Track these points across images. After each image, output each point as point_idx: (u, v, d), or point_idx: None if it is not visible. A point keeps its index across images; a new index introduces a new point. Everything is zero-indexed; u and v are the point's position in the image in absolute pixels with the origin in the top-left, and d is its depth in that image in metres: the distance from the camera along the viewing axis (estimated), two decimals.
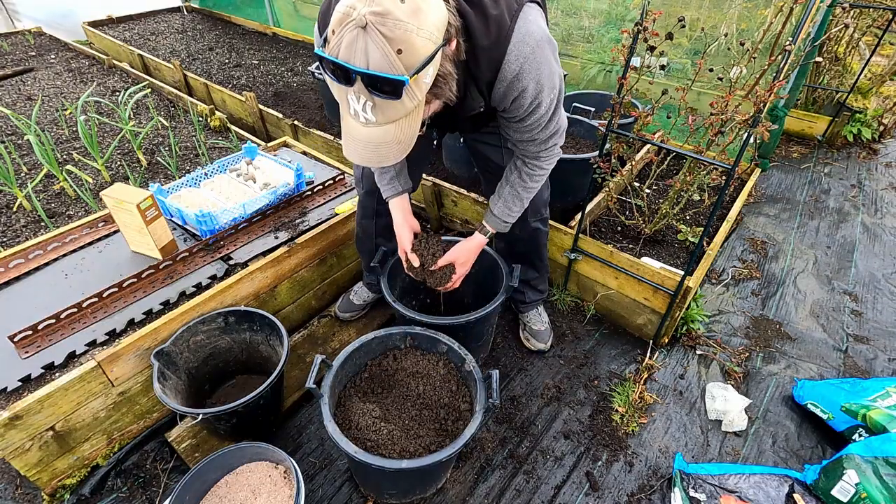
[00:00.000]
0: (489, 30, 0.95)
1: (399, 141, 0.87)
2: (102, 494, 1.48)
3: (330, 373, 1.35)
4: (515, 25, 0.97)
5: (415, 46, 0.77)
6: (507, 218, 1.37)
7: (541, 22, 1.03)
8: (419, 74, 0.80)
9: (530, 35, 0.98)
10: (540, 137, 1.18)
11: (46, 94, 3.38)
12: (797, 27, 1.41)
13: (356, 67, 0.76)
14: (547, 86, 1.05)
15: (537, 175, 1.28)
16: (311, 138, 2.88)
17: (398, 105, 0.81)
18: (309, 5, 4.85)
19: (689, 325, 2.00)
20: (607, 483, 1.53)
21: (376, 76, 0.76)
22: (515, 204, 1.34)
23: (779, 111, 2.41)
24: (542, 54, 1.01)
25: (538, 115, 1.09)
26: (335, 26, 0.78)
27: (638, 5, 3.05)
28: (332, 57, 0.78)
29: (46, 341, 1.45)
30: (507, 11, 0.97)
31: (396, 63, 0.76)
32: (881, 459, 1.34)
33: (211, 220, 1.77)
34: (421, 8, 0.78)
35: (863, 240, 2.59)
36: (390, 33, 0.75)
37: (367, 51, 0.75)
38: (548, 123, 1.14)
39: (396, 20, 0.75)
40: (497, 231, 1.42)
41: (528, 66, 0.99)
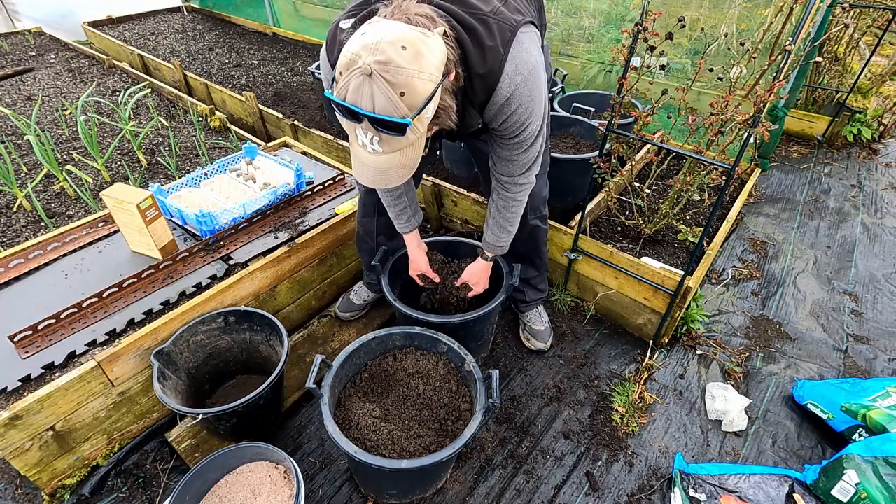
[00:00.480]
0: (485, 59, 1.01)
1: (404, 166, 0.94)
2: (102, 494, 1.48)
3: (330, 373, 1.36)
4: (509, 55, 1.03)
5: (416, 89, 0.84)
6: (500, 243, 1.48)
7: (533, 49, 1.08)
8: (421, 113, 0.87)
9: (523, 64, 1.04)
10: (520, 160, 1.24)
11: (46, 94, 3.38)
12: (797, 27, 1.41)
13: (363, 111, 0.83)
14: (536, 110, 1.12)
15: (514, 205, 1.37)
16: (311, 138, 2.88)
17: (402, 139, 0.88)
18: (309, 5, 4.85)
19: (689, 325, 2.00)
20: (607, 483, 1.53)
21: (381, 119, 0.83)
22: (503, 231, 1.44)
23: (779, 111, 2.41)
24: (534, 83, 1.08)
25: (525, 134, 1.16)
26: (342, 69, 0.85)
27: (638, 5, 3.05)
28: (340, 100, 0.85)
29: (46, 341, 1.45)
30: (501, 41, 1.02)
31: (400, 105, 0.84)
32: (881, 459, 1.34)
33: (211, 220, 1.77)
34: (421, 52, 0.85)
35: (863, 240, 2.59)
36: (393, 79, 0.82)
37: (372, 96, 0.82)
38: (531, 146, 1.20)
39: (399, 67, 0.82)
40: (496, 254, 1.53)
41: (518, 93, 1.06)
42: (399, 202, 1.50)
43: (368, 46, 0.83)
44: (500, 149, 1.23)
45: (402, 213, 1.52)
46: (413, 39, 0.85)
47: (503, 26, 1.02)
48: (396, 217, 1.53)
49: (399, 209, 1.51)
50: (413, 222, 1.54)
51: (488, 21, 1.01)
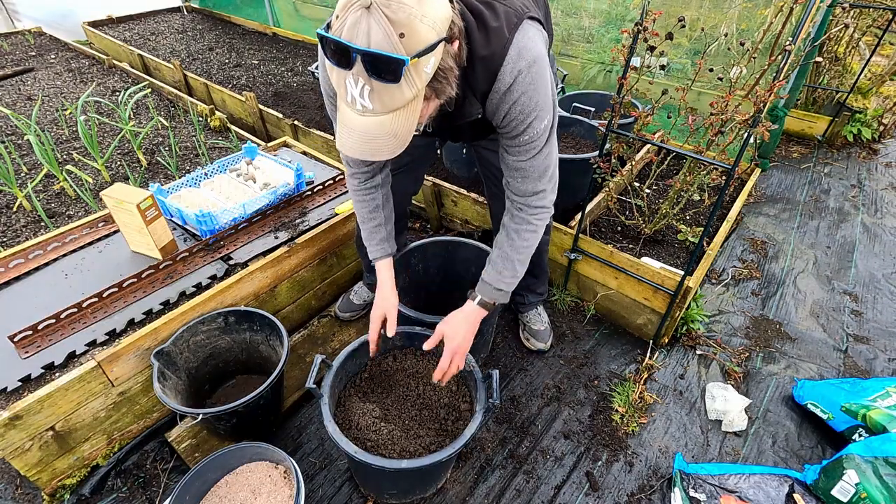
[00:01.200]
0: (488, 40, 0.96)
1: (395, 134, 0.85)
2: (102, 494, 1.48)
3: (330, 373, 1.35)
4: (514, 39, 0.98)
5: (417, 32, 0.78)
6: (500, 285, 1.24)
7: (539, 41, 1.03)
8: (419, 60, 0.79)
9: (527, 50, 0.99)
10: (530, 170, 1.13)
11: (46, 94, 3.38)
12: (797, 27, 1.41)
13: (357, 46, 0.76)
14: (541, 103, 1.04)
15: (526, 232, 1.20)
16: (311, 138, 2.88)
17: (396, 92, 0.80)
18: (309, 5, 4.85)
19: (689, 325, 2.00)
20: (607, 483, 1.53)
21: (376, 55, 0.76)
22: (507, 268, 1.23)
23: (779, 111, 2.41)
24: (538, 72, 1.01)
25: (532, 133, 1.07)
26: (339, 11, 0.79)
27: (638, 5, 3.05)
28: (335, 36, 0.78)
29: (46, 341, 1.45)
30: (507, 25, 0.97)
31: (398, 45, 0.76)
32: (881, 459, 1.34)
33: (211, 220, 1.77)
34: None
35: (863, 240, 2.59)
36: (394, 15, 0.75)
37: (369, 31, 0.76)
38: (542, 149, 1.11)
39: (401, 3, 0.76)
40: (491, 300, 1.27)
41: (521, 80, 1.00)
42: (374, 216, 1.36)
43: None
44: (508, 155, 1.14)
45: (375, 232, 1.36)
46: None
47: (510, 11, 0.98)
48: (368, 237, 1.38)
49: (373, 226, 1.36)
50: (385, 247, 1.37)
51: (494, 5, 0.97)
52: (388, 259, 1.39)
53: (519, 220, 1.20)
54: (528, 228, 1.21)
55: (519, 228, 1.21)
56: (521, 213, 1.20)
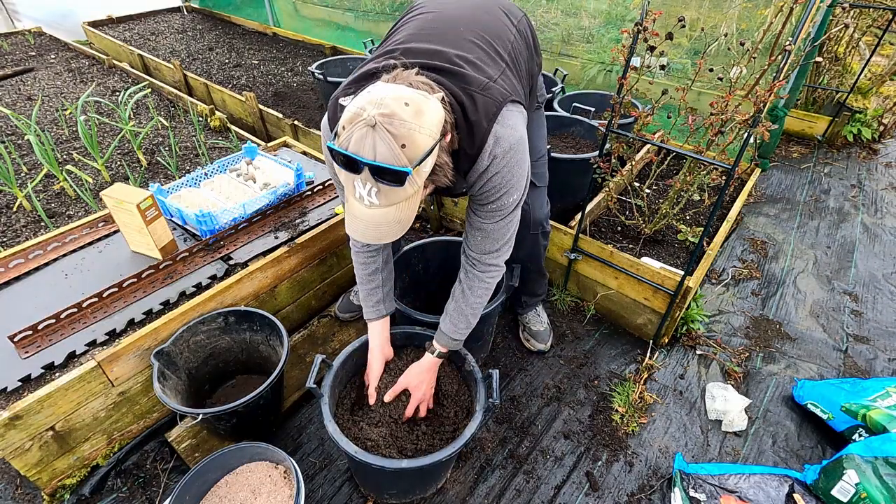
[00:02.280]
0: (471, 134, 1.05)
1: (399, 221, 0.96)
2: (102, 494, 1.48)
3: (330, 373, 1.35)
4: (492, 129, 1.06)
5: (416, 142, 0.88)
6: (455, 335, 1.35)
7: (518, 125, 1.11)
8: (420, 166, 0.90)
9: (504, 139, 1.07)
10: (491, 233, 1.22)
11: (46, 94, 3.38)
12: (797, 27, 1.41)
13: (364, 159, 0.86)
14: (513, 182, 1.14)
15: (478, 289, 1.30)
16: (311, 138, 2.88)
17: (400, 191, 0.90)
18: (309, 5, 4.85)
19: (689, 325, 2.00)
20: (607, 483, 1.53)
21: (382, 167, 0.86)
22: (461, 321, 1.34)
23: (779, 111, 2.41)
24: (513, 156, 1.10)
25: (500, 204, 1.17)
26: (345, 123, 0.88)
27: (638, 5, 3.05)
28: (343, 150, 0.88)
29: (46, 341, 1.45)
30: (485, 117, 1.05)
31: (401, 156, 0.86)
32: (881, 459, 1.34)
33: (211, 220, 1.77)
34: (422, 110, 0.89)
35: (863, 240, 2.59)
36: (396, 131, 0.86)
37: (374, 146, 0.85)
38: (506, 217, 1.20)
39: (402, 120, 0.86)
40: (448, 349, 1.39)
41: (496, 163, 1.09)
42: (373, 279, 1.41)
43: (374, 101, 0.87)
44: (474, 216, 1.23)
45: (372, 295, 1.42)
46: (415, 97, 0.90)
47: (489, 102, 1.06)
48: (365, 298, 1.42)
49: (370, 288, 1.41)
50: (381, 309, 1.42)
51: (475, 97, 1.05)
52: (382, 320, 1.45)
53: (472, 276, 1.30)
54: (481, 286, 1.30)
55: (472, 285, 1.31)
56: (474, 270, 1.30)
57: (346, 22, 4.59)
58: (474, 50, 1.14)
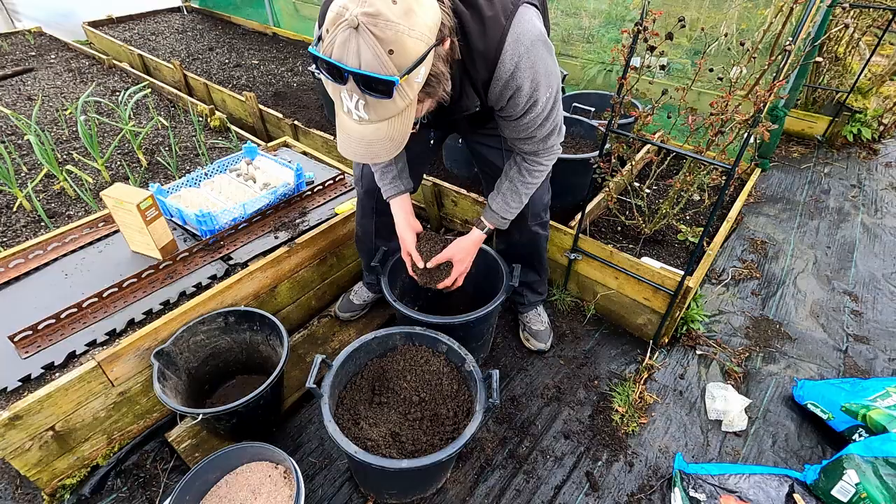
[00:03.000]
0: (485, 30, 0.96)
1: (391, 138, 0.88)
2: (102, 494, 1.48)
3: (330, 373, 1.35)
4: (511, 25, 0.97)
5: (406, 47, 0.79)
6: (506, 214, 1.34)
7: (536, 22, 1.03)
8: (410, 74, 0.82)
9: (525, 34, 0.98)
10: (537, 135, 1.16)
11: (46, 94, 3.38)
12: (797, 27, 1.41)
13: (348, 67, 0.78)
14: (543, 83, 1.05)
15: (536, 171, 1.26)
16: (311, 138, 2.88)
17: (390, 104, 0.83)
18: (309, 5, 4.85)
19: (689, 325, 2.00)
20: (607, 483, 1.53)
21: (368, 76, 0.78)
22: (514, 199, 1.31)
23: (779, 111, 2.41)
24: (538, 53, 1.01)
25: (534, 113, 1.09)
26: (329, 25, 0.80)
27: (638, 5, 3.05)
28: (326, 56, 0.80)
29: (46, 341, 1.45)
30: (503, 12, 0.97)
31: (388, 63, 0.78)
32: (881, 459, 1.34)
33: (211, 220, 1.77)
34: (413, 9, 0.80)
35: (863, 240, 2.59)
36: (382, 34, 0.77)
37: (358, 51, 0.77)
38: (544, 121, 1.13)
39: (388, 21, 0.77)
40: (495, 227, 1.38)
41: (522, 65, 1.00)
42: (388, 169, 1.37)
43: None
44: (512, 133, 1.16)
45: (387, 173, 1.36)
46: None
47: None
48: (380, 178, 1.38)
49: (383, 169, 1.36)
50: (398, 184, 1.36)
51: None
52: (402, 196, 1.38)
53: (532, 161, 1.23)
54: (540, 168, 1.25)
55: (531, 168, 1.25)
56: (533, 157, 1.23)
57: None
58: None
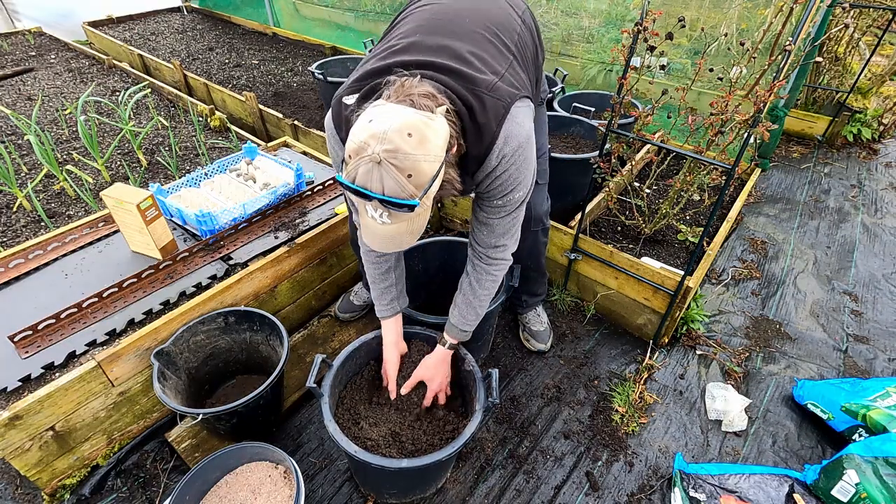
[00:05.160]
0: (479, 137, 1.05)
1: (412, 232, 0.99)
2: (102, 494, 1.48)
3: (330, 372, 1.35)
4: (501, 130, 1.06)
5: (422, 171, 0.89)
6: (465, 326, 1.39)
7: (526, 123, 1.11)
8: (428, 192, 0.92)
9: (513, 137, 1.07)
10: (497, 227, 1.25)
11: (46, 94, 3.38)
12: (797, 27, 1.41)
13: (373, 194, 0.88)
14: (521, 180, 1.15)
15: (486, 281, 1.33)
16: (311, 138, 2.88)
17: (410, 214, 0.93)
18: (309, 5, 4.85)
19: (689, 325, 2.00)
20: (607, 483, 1.53)
21: (391, 200, 0.88)
22: (470, 313, 1.37)
23: (779, 111, 2.41)
24: (521, 154, 1.11)
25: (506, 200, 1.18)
26: (351, 153, 0.90)
27: (638, 5, 3.05)
28: (351, 183, 0.90)
29: (46, 341, 1.45)
30: (494, 119, 1.05)
31: (407, 187, 0.88)
32: (881, 459, 1.34)
33: (211, 220, 1.77)
34: (426, 136, 0.89)
35: (863, 240, 2.59)
36: (401, 164, 0.87)
37: (381, 180, 0.87)
38: (512, 213, 1.22)
39: (406, 154, 0.87)
40: (458, 340, 1.43)
41: (504, 163, 1.10)
42: (386, 278, 1.40)
43: (376, 135, 0.87)
44: (480, 212, 1.25)
45: (386, 293, 1.42)
46: (418, 124, 0.89)
47: (497, 104, 1.05)
48: (379, 296, 1.42)
49: (384, 286, 1.41)
50: (395, 306, 1.43)
51: (483, 98, 1.04)
52: (395, 317, 1.45)
53: (480, 269, 1.32)
54: (489, 278, 1.32)
55: (480, 278, 1.33)
56: (482, 264, 1.31)
57: (346, 22, 4.60)
58: (481, 42, 1.12)
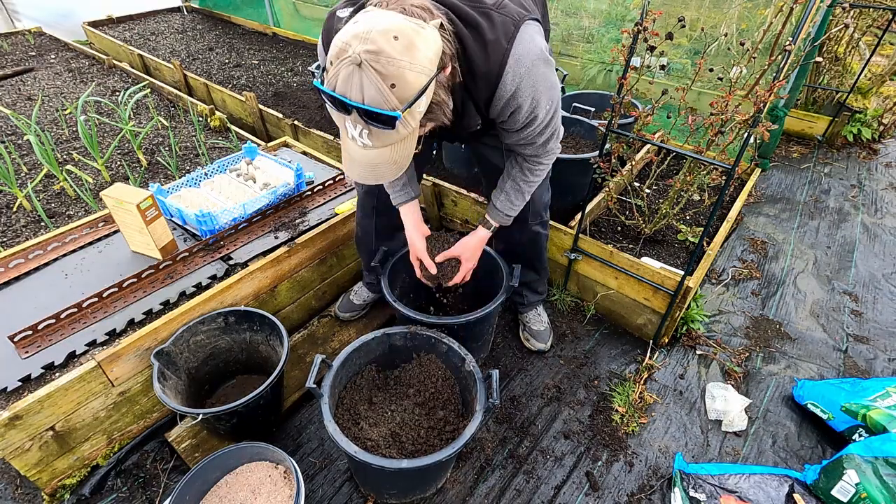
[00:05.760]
0: (487, 54, 0.98)
1: (395, 161, 0.92)
2: (102, 494, 1.48)
3: (330, 373, 1.36)
4: (512, 47, 0.99)
5: (407, 81, 0.82)
6: (510, 211, 1.38)
7: (538, 39, 1.04)
8: (412, 107, 0.85)
9: (526, 55, 1.01)
10: (537, 142, 1.21)
11: (46, 94, 3.38)
12: (797, 27, 1.41)
13: (352, 102, 0.82)
14: (543, 100, 1.08)
15: (538, 169, 1.29)
16: (311, 138, 2.88)
17: (392, 133, 0.86)
18: (309, 6, 4.85)
19: (689, 325, 2.00)
20: (607, 483, 1.53)
21: (371, 111, 0.82)
22: (517, 197, 1.34)
23: (779, 111, 2.41)
24: (538, 72, 1.04)
25: (534, 126, 1.13)
26: (332, 58, 0.84)
27: (638, 5, 3.05)
28: (330, 90, 0.83)
29: (46, 341, 1.45)
30: (504, 35, 0.99)
31: (390, 97, 0.82)
32: (881, 459, 1.34)
33: (211, 220, 1.77)
34: (414, 43, 0.82)
35: (863, 240, 2.59)
36: (384, 70, 0.80)
37: (362, 86, 0.81)
38: (543, 130, 1.17)
39: (389, 58, 0.80)
40: (499, 224, 1.42)
41: (523, 85, 1.03)
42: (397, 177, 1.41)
43: (359, 35, 0.81)
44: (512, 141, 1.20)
45: (395, 182, 1.40)
46: (406, 29, 0.83)
47: (507, 20, 0.99)
48: (389, 186, 1.42)
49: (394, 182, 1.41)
50: (409, 191, 1.41)
51: (491, 14, 0.98)
52: (411, 203, 1.43)
53: (532, 160, 1.27)
54: (539, 168, 1.29)
55: (532, 167, 1.29)
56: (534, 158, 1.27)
57: None
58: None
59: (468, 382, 1.45)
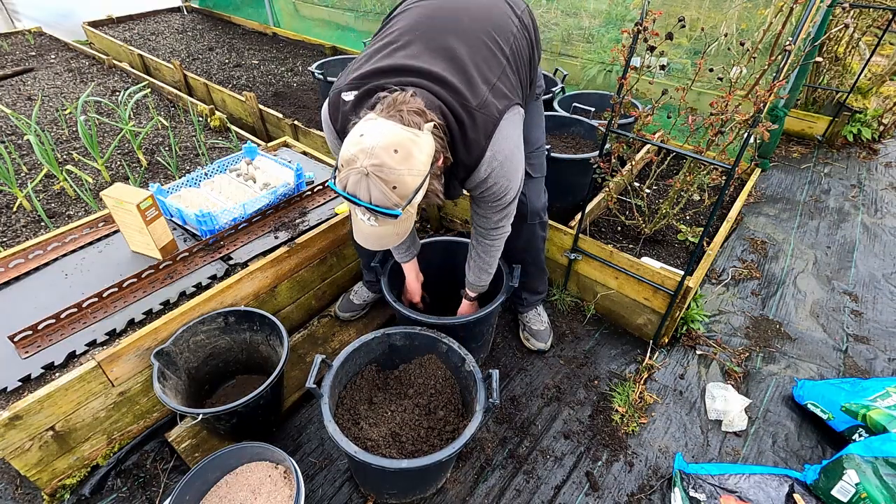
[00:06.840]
0: (468, 149, 1.15)
1: (398, 234, 1.11)
2: (102, 494, 1.48)
3: (330, 373, 1.36)
4: (488, 145, 1.15)
5: (406, 184, 0.99)
6: (483, 282, 1.58)
7: (513, 134, 1.20)
8: (411, 202, 1.02)
9: (500, 152, 1.17)
10: (493, 218, 1.38)
11: (46, 94, 3.38)
12: (797, 27, 1.41)
13: (361, 201, 1.00)
14: (509, 186, 1.27)
15: (492, 249, 1.48)
16: (311, 138, 2.88)
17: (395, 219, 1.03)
18: (309, 5, 4.85)
19: (689, 325, 2.00)
20: (607, 483, 1.53)
21: (377, 209, 0.99)
22: (483, 273, 1.55)
23: (779, 111, 2.41)
24: (509, 165, 1.22)
25: (499, 203, 1.31)
26: (343, 163, 1.01)
27: (638, 5, 3.05)
28: (342, 190, 1.02)
29: (46, 341, 1.45)
30: (484, 134, 1.14)
31: (392, 197, 0.99)
32: (881, 459, 1.34)
33: (211, 220, 1.77)
34: (411, 153, 0.99)
35: (863, 240, 2.59)
36: (386, 178, 0.97)
37: (369, 190, 0.98)
38: (506, 207, 1.34)
39: (391, 168, 0.97)
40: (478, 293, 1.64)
41: (493, 174, 1.20)
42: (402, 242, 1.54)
43: (365, 150, 0.97)
44: (478, 207, 1.38)
45: (400, 245, 1.58)
46: (404, 141, 0.98)
47: (487, 120, 1.13)
48: (395, 249, 1.60)
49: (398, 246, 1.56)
50: (412, 251, 1.61)
51: (474, 115, 1.12)
52: (412, 261, 1.65)
53: (484, 244, 1.47)
54: (493, 246, 1.48)
55: (485, 249, 1.48)
56: (485, 240, 1.46)
57: (346, 22, 4.60)
58: (477, 45, 1.18)
59: (468, 382, 1.45)
